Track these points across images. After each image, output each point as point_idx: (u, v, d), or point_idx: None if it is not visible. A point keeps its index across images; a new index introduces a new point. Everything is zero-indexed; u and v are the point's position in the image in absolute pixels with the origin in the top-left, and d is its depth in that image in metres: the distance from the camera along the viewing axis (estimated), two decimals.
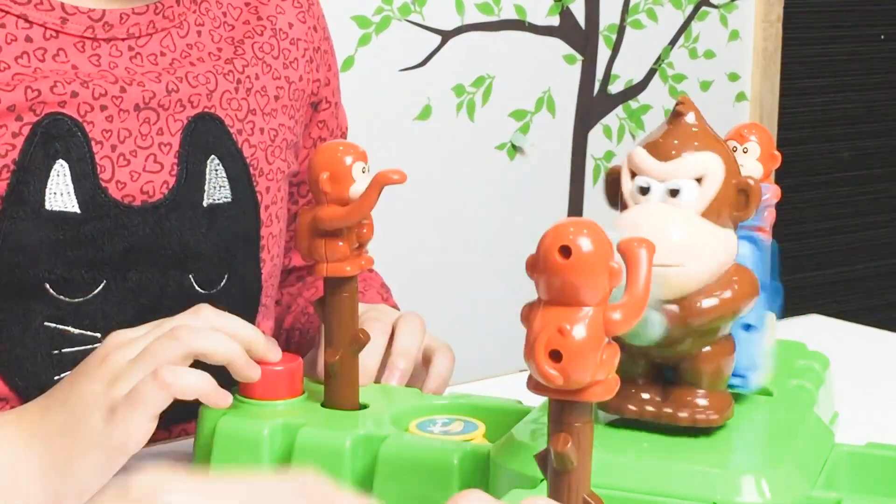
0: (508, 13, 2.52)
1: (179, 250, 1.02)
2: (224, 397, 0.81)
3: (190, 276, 1.03)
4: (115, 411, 0.78)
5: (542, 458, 0.60)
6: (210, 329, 0.83)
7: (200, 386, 0.79)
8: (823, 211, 3.06)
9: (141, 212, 1.00)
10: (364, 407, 0.89)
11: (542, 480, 0.73)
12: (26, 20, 0.98)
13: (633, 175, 0.78)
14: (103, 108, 1.00)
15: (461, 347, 1.11)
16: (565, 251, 0.56)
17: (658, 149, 0.77)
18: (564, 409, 0.58)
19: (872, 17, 3.10)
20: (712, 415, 0.77)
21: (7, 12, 0.98)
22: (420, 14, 2.42)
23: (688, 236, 0.75)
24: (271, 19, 1.12)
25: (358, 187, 0.85)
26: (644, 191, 0.77)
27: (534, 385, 0.58)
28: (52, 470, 0.79)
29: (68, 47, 1.00)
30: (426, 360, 1.00)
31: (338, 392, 0.88)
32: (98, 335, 0.99)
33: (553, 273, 0.56)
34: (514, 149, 2.57)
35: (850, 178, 3.12)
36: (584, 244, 0.56)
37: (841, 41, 3.06)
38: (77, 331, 0.99)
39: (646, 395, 0.78)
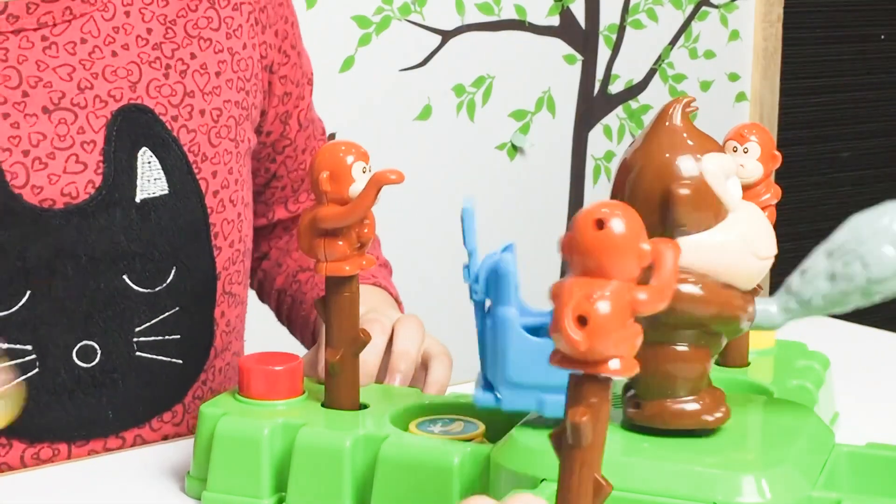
0: (508, 13, 2.52)
1: (110, 250, 0.98)
2: None
3: (124, 276, 1.00)
4: None
5: (557, 437, 0.60)
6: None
7: None
8: (823, 211, 3.06)
9: (64, 214, 0.97)
10: (364, 407, 0.89)
11: (542, 481, 0.73)
12: None
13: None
14: (6, 115, 0.96)
15: (461, 347, 1.11)
16: (599, 224, 0.58)
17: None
18: (584, 382, 0.59)
19: (872, 17, 3.10)
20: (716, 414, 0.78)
21: None
22: (420, 14, 2.42)
23: None
24: None
25: (357, 187, 0.85)
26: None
27: (558, 358, 0.59)
28: None
29: None
30: (424, 365, 0.99)
31: (338, 392, 0.88)
32: (29, 347, 0.97)
33: (586, 245, 0.58)
34: (514, 149, 2.57)
35: (850, 178, 3.12)
36: (618, 218, 0.58)
37: (841, 41, 3.06)
38: (6, 345, 0.96)
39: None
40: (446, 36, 2.46)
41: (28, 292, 0.96)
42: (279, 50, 1.13)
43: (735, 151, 0.93)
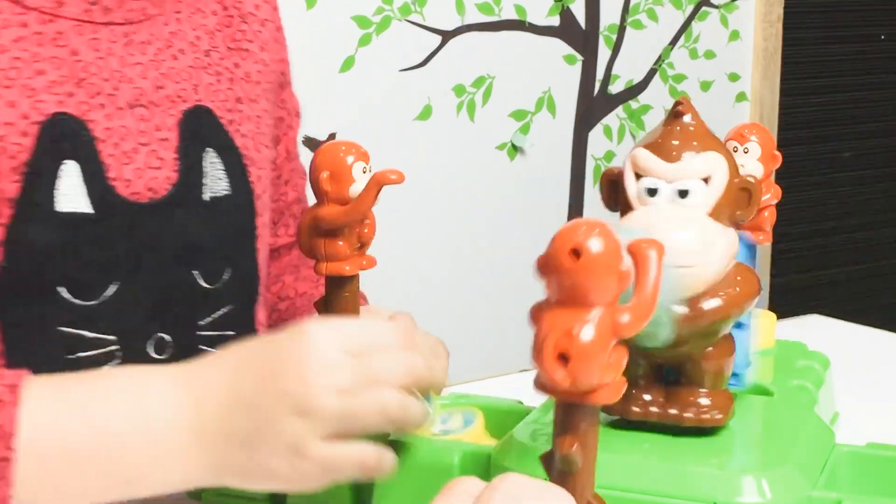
0: (509, 13, 2.52)
1: (184, 246, 1.01)
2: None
3: (194, 272, 1.02)
4: (305, 469, 0.75)
5: (547, 460, 0.60)
6: (411, 380, 0.78)
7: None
8: (823, 211, 3.06)
9: (149, 209, 0.99)
10: None
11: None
12: (22, 5, 0.96)
13: (638, 177, 0.78)
14: (101, 105, 0.98)
15: (461, 347, 1.11)
16: (576, 252, 0.56)
17: (662, 150, 0.77)
18: (570, 411, 0.58)
19: (872, 17, 3.10)
20: (717, 414, 0.78)
21: None
22: (420, 14, 2.42)
23: (699, 237, 0.76)
24: (237, 6, 1.11)
25: (358, 187, 0.85)
26: (652, 192, 0.77)
27: (541, 385, 0.58)
28: (223, 468, 0.77)
29: (67, 30, 0.98)
30: None
31: None
32: (114, 338, 0.98)
33: (563, 274, 0.56)
34: (514, 149, 2.57)
35: (850, 178, 3.12)
36: (595, 245, 0.56)
37: (841, 41, 3.06)
38: (92, 335, 0.97)
39: (647, 397, 0.78)
40: (446, 36, 2.46)
41: (116, 283, 0.98)
42: (285, 73, 1.16)
43: (735, 151, 0.93)
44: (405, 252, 2.45)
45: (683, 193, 0.77)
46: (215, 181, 1.04)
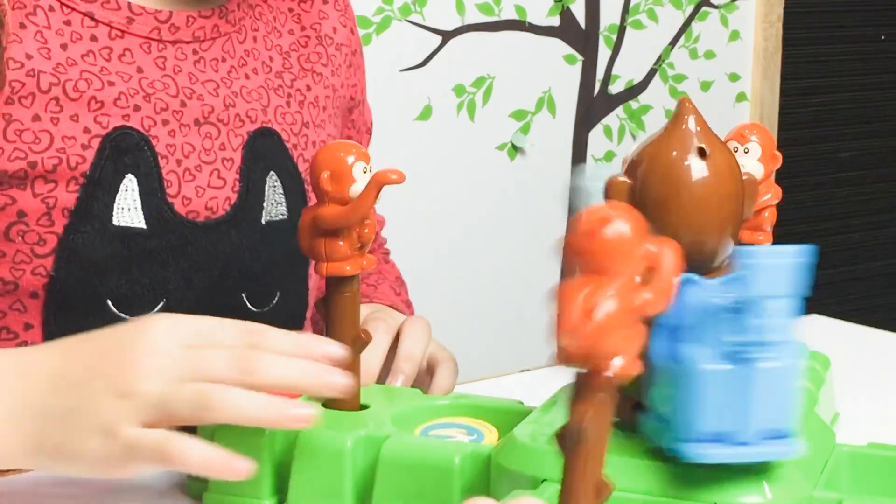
0: (509, 13, 2.52)
1: (236, 269, 1.01)
2: (237, 469, 0.75)
3: (243, 294, 1.02)
4: (112, 448, 0.75)
5: (561, 437, 0.60)
6: (239, 375, 0.77)
7: (204, 463, 0.75)
8: (823, 211, 3.06)
9: (204, 228, 0.99)
10: (365, 407, 0.89)
11: (543, 481, 0.73)
12: (92, 18, 0.97)
13: None
14: (165, 122, 0.98)
15: (461, 348, 1.11)
16: (604, 223, 0.58)
17: None
18: (588, 381, 0.59)
19: (872, 17, 3.10)
20: None
21: (73, 9, 0.96)
22: (420, 14, 2.42)
23: None
24: (315, 27, 1.11)
25: (358, 187, 0.85)
26: None
27: (562, 355, 0.59)
28: (36, 451, 0.77)
29: (134, 48, 0.98)
30: (430, 369, 0.99)
31: None
32: None
33: (589, 246, 0.58)
34: (515, 149, 2.57)
35: (850, 178, 3.12)
36: (621, 219, 0.58)
37: (841, 41, 3.06)
38: None
39: None
40: (446, 36, 2.46)
41: (163, 300, 0.98)
42: (355, 96, 1.16)
43: (736, 151, 0.93)
44: (405, 252, 2.45)
45: None
46: (274, 205, 1.03)
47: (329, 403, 0.88)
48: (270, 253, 1.03)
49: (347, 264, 0.87)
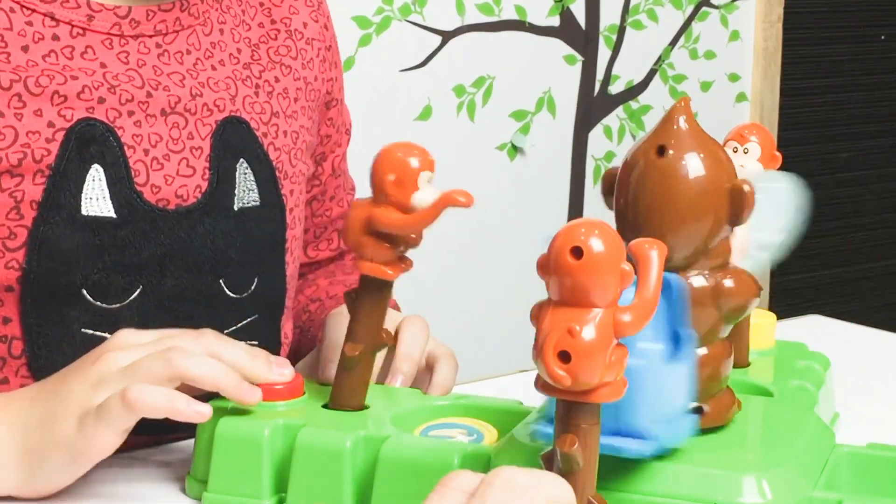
0: (509, 13, 2.52)
1: (212, 255, 1.02)
2: (198, 413, 0.83)
3: (221, 280, 1.03)
4: (86, 419, 0.82)
5: (548, 459, 0.60)
6: (206, 354, 0.85)
7: (163, 404, 0.82)
8: (823, 211, 3.06)
9: (175, 216, 1.00)
10: (365, 408, 0.89)
11: None
12: (53, 18, 0.98)
13: None
14: (131, 113, 0.99)
15: (461, 348, 1.11)
16: (577, 252, 0.56)
17: None
18: (572, 409, 0.58)
19: (872, 17, 3.10)
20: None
21: (34, 10, 0.97)
22: (420, 14, 2.42)
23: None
24: (285, 21, 1.12)
25: (420, 196, 0.84)
26: None
27: (542, 385, 0.59)
28: (25, 458, 0.84)
29: (96, 45, 0.99)
30: (429, 366, 0.99)
31: (347, 388, 0.88)
32: None
33: (564, 274, 0.57)
34: (514, 149, 2.57)
35: (850, 178, 3.12)
36: (596, 245, 0.56)
37: (841, 41, 3.06)
38: None
39: None
40: (446, 36, 2.46)
41: (139, 287, 0.99)
42: (332, 91, 1.17)
43: (735, 152, 0.93)
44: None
45: None
46: (246, 192, 1.05)
47: (334, 399, 0.88)
48: (246, 239, 1.04)
49: (389, 268, 0.86)
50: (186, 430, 1.03)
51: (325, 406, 0.89)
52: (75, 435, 0.83)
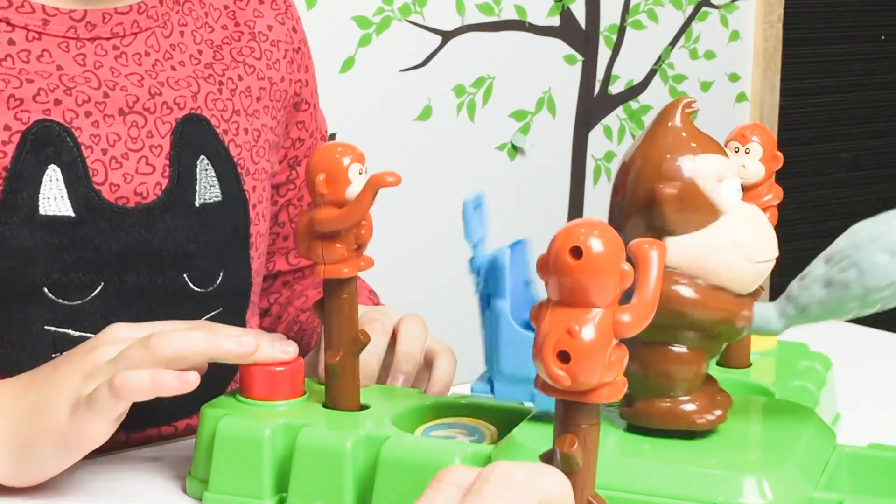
0: (509, 13, 2.52)
1: (174, 250, 1.03)
2: (186, 382, 0.83)
3: (184, 275, 1.04)
4: (77, 409, 0.83)
5: (548, 459, 0.60)
6: (187, 329, 0.86)
7: (147, 385, 0.82)
8: (824, 211, 3.06)
9: (135, 213, 1.01)
10: (365, 408, 0.89)
11: None
12: (8, 23, 0.99)
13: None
14: (88, 113, 1.00)
15: (461, 348, 1.11)
16: (576, 252, 0.56)
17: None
18: (571, 410, 0.58)
19: (872, 17, 3.10)
20: (710, 416, 0.78)
21: None
22: (420, 14, 2.42)
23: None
24: (249, 24, 1.13)
25: (354, 189, 0.85)
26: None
27: (541, 385, 0.58)
28: (16, 446, 0.85)
29: (52, 48, 1.00)
30: (428, 363, 0.99)
31: (338, 393, 0.88)
32: None
33: (563, 274, 0.56)
34: (515, 149, 2.57)
35: (851, 178, 3.12)
36: (595, 245, 0.56)
37: (841, 41, 3.06)
38: (77, 333, 1.00)
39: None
40: (446, 36, 2.46)
41: (101, 284, 1.00)
42: (301, 93, 1.17)
43: (737, 152, 0.93)
44: (405, 252, 2.45)
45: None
46: (207, 188, 1.06)
47: (329, 404, 0.88)
48: (208, 234, 1.05)
49: (345, 266, 0.86)
50: (188, 414, 1.03)
51: (325, 406, 0.89)
52: (67, 424, 0.84)
